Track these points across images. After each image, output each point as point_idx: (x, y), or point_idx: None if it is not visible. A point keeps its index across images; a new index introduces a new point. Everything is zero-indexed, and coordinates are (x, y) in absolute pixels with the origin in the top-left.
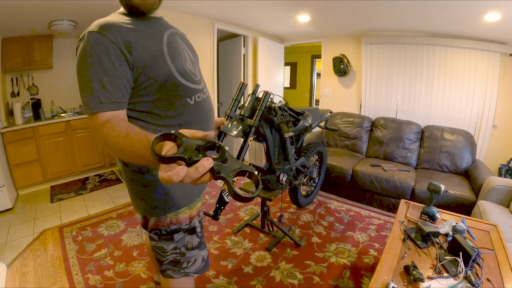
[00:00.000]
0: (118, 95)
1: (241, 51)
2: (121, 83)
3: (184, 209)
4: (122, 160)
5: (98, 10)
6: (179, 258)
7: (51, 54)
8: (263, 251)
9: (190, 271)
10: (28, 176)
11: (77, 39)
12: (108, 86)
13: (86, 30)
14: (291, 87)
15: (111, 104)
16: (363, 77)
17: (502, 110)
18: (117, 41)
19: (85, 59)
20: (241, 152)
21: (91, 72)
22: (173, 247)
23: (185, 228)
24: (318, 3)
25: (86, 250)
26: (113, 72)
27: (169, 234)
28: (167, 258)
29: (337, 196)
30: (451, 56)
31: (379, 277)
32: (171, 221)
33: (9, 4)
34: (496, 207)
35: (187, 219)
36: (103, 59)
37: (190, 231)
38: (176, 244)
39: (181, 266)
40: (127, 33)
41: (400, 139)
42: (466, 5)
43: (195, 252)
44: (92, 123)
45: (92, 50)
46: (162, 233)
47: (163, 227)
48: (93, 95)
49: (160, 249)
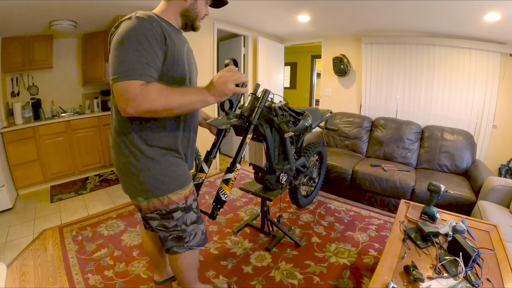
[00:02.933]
0: (153, 73)
1: (241, 51)
2: (157, 64)
3: (179, 190)
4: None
5: (98, 10)
6: (181, 234)
7: (51, 54)
8: (263, 251)
9: (192, 244)
10: (28, 176)
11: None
12: (150, 62)
13: (132, 15)
14: (291, 87)
15: (148, 77)
16: (363, 77)
17: (502, 110)
18: (159, 31)
19: (133, 36)
20: (239, 152)
21: (137, 47)
22: (174, 225)
23: (182, 207)
24: (318, 3)
25: (86, 250)
26: (153, 53)
27: (169, 213)
28: (171, 234)
29: (337, 196)
30: (451, 56)
31: (379, 277)
32: (169, 201)
33: (9, 4)
34: (496, 207)
35: (182, 199)
36: (149, 40)
37: (187, 209)
38: (176, 222)
39: (183, 240)
40: (165, 29)
41: (400, 139)
42: (466, 5)
43: (195, 226)
44: (133, 86)
45: (139, 31)
46: (163, 212)
47: (162, 207)
48: (137, 65)
49: (163, 226)
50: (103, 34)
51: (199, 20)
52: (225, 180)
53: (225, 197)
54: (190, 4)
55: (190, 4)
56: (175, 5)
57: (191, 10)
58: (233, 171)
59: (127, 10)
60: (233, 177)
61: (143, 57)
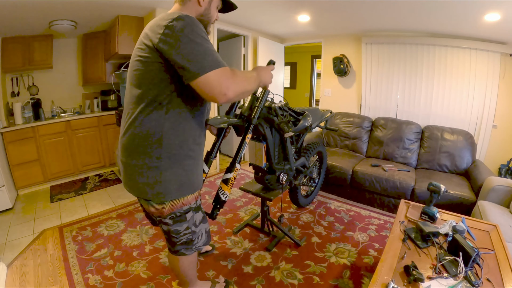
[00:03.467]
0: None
1: (241, 51)
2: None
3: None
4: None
5: (98, 10)
6: (191, 237)
7: (51, 54)
8: (263, 251)
9: (199, 245)
10: (28, 176)
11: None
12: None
13: (177, 15)
14: (291, 87)
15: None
16: (363, 77)
17: (502, 110)
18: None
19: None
20: (238, 151)
21: (203, 41)
22: (186, 227)
23: (194, 207)
24: (318, 3)
25: (86, 250)
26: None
27: (183, 215)
28: (181, 240)
29: (337, 196)
30: (451, 56)
31: (379, 277)
32: (183, 202)
33: (9, 4)
34: (496, 207)
35: (194, 199)
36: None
37: (197, 209)
38: (187, 223)
39: (192, 243)
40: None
41: (400, 139)
42: (466, 5)
43: (201, 226)
44: (224, 73)
45: (195, 26)
46: (177, 215)
47: (177, 209)
48: (217, 56)
49: (174, 232)
50: (103, 34)
51: (210, 25)
52: (224, 180)
53: (225, 197)
54: (205, 8)
55: (204, 9)
56: (190, 10)
57: (205, 15)
58: (232, 171)
59: (127, 10)
60: (233, 177)
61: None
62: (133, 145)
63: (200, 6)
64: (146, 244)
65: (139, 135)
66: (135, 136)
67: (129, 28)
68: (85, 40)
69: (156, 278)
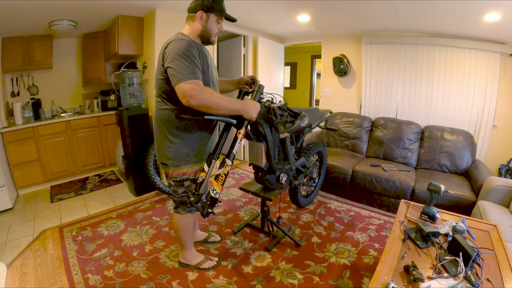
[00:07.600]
0: (200, 76)
1: (241, 51)
2: (200, 71)
3: (192, 165)
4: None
5: (98, 10)
6: (186, 199)
7: (51, 54)
8: (263, 251)
9: (192, 209)
10: (28, 176)
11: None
12: (197, 70)
13: (176, 37)
14: (291, 87)
15: (199, 78)
16: (363, 77)
17: (502, 110)
18: (196, 51)
19: (186, 52)
20: (232, 148)
21: (189, 61)
22: (183, 191)
23: (191, 178)
24: (318, 3)
25: (86, 250)
26: (197, 64)
27: (180, 182)
28: (179, 199)
29: (337, 196)
30: (451, 56)
31: (379, 277)
32: (183, 172)
33: (9, 4)
34: (496, 207)
35: (193, 172)
36: (195, 56)
37: (194, 180)
38: (185, 188)
39: (186, 205)
40: (198, 48)
41: (400, 139)
42: (466, 5)
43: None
44: (195, 85)
45: (188, 50)
46: (177, 180)
47: (178, 176)
48: (195, 73)
49: (174, 192)
50: (103, 34)
51: (214, 36)
52: (215, 176)
53: (215, 193)
54: (203, 27)
55: (203, 27)
56: (193, 30)
57: (204, 32)
58: (223, 167)
59: (127, 10)
60: (223, 173)
61: (196, 68)
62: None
63: (200, 24)
64: (146, 244)
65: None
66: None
67: (129, 28)
68: (85, 40)
69: (156, 278)
